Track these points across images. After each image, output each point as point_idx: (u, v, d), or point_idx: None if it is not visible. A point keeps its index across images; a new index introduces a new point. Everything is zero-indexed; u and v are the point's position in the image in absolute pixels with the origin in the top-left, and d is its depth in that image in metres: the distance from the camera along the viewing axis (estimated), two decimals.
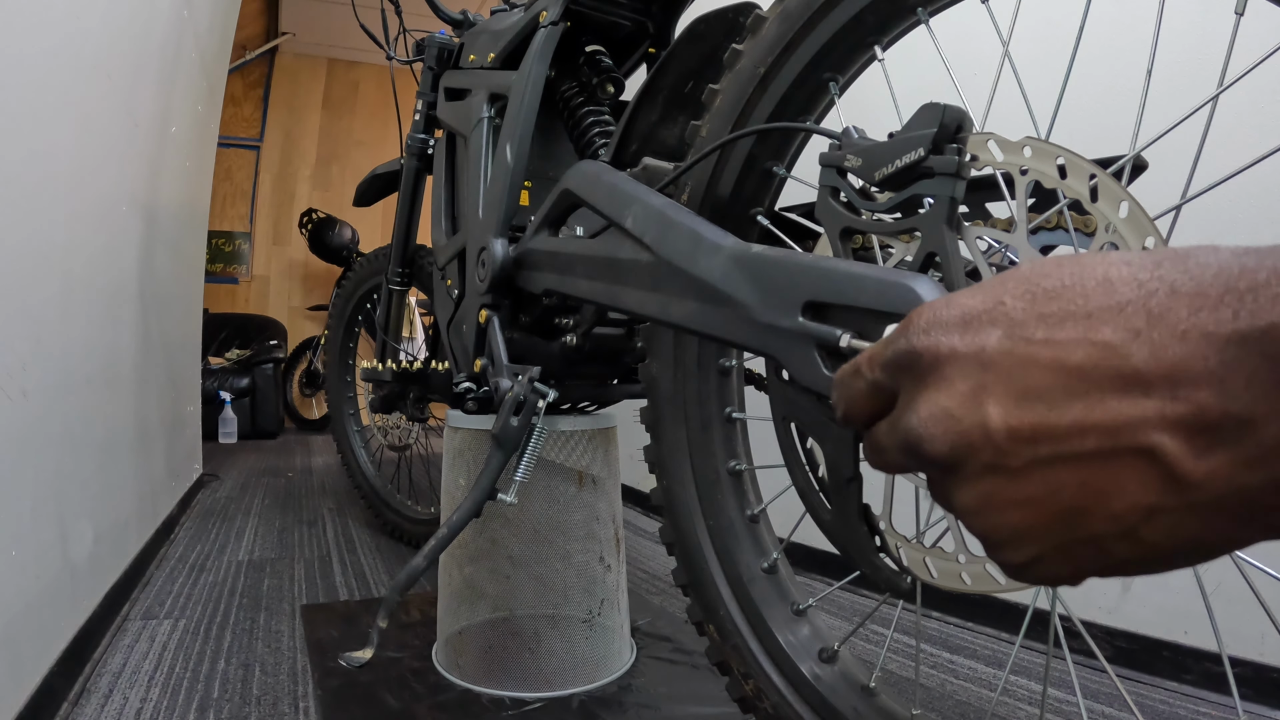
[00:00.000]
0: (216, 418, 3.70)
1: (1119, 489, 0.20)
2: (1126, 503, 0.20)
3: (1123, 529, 0.20)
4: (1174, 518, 0.19)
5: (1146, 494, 0.20)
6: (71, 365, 1.08)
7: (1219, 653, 1.09)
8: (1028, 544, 0.22)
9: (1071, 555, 0.22)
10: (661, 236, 0.62)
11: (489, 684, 1.03)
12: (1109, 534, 0.21)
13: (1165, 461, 0.19)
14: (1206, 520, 0.19)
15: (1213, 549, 0.20)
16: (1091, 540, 0.21)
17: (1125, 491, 0.20)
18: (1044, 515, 0.22)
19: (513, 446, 0.83)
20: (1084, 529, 0.21)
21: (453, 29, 1.38)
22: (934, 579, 0.53)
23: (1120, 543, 0.21)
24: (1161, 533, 0.20)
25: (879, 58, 0.64)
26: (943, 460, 0.23)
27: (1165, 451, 0.19)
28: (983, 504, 0.23)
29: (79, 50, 1.06)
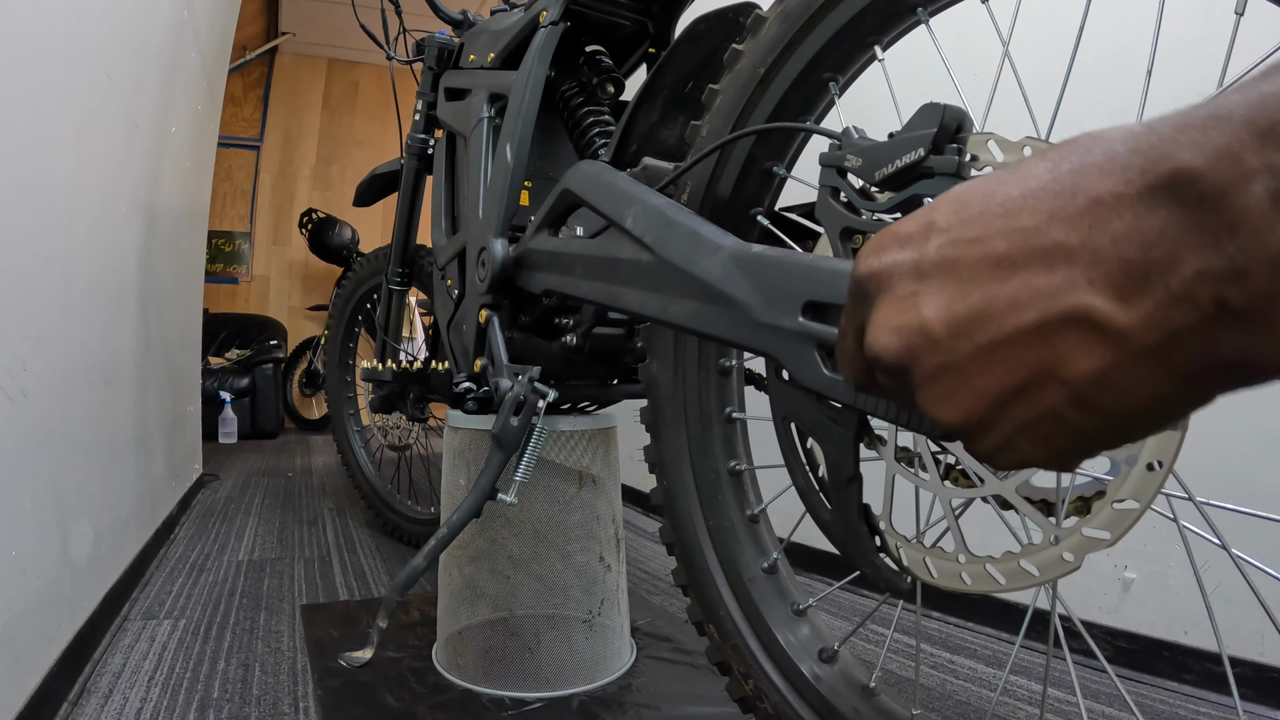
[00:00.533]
0: (216, 418, 3.70)
1: (1062, 358, 0.21)
2: (1073, 370, 0.21)
3: (1076, 397, 0.21)
4: (1121, 377, 0.20)
5: (1089, 357, 0.20)
6: (71, 365, 1.08)
7: (1219, 653, 1.09)
8: (994, 429, 0.23)
9: (1038, 434, 0.23)
10: (661, 236, 0.62)
11: (489, 684, 1.03)
12: (1065, 405, 0.21)
13: (1098, 319, 0.20)
14: (1152, 373, 0.20)
15: (1169, 406, 0.20)
16: (1051, 414, 0.22)
17: (1069, 359, 0.21)
18: (998, 399, 0.22)
19: (513, 446, 0.83)
20: (1040, 404, 0.22)
21: (453, 29, 1.38)
22: (934, 579, 0.53)
23: (1079, 412, 0.21)
24: (1114, 395, 0.20)
25: (879, 58, 0.64)
26: (899, 367, 0.25)
27: (1095, 310, 0.20)
28: (944, 401, 0.24)
29: (79, 50, 1.06)
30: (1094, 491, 0.49)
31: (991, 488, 0.50)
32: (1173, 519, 0.49)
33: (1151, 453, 0.44)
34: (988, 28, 0.59)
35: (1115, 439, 0.22)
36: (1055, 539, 0.48)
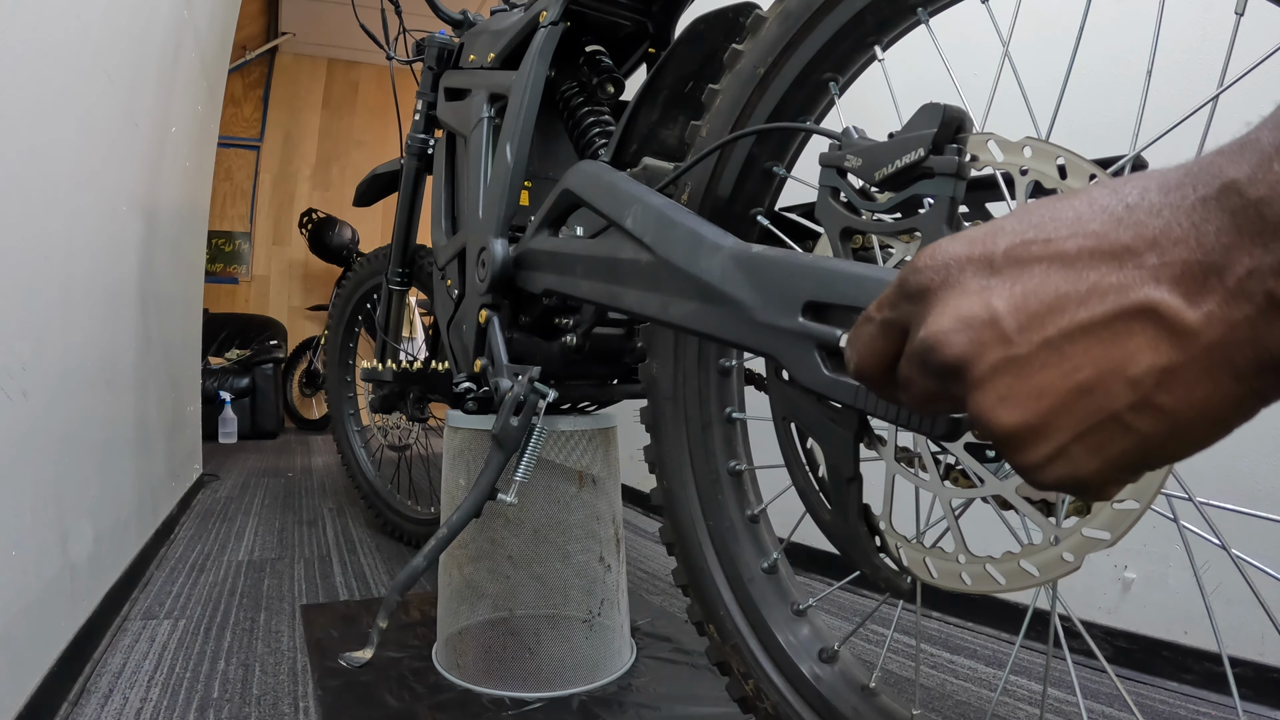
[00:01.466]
0: (216, 418, 3.70)
1: (1129, 354, 0.22)
2: (1141, 366, 0.21)
3: (1140, 398, 0.21)
4: (1185, 374, 0.21)
5: (1155, 353, 0.21)
6: (71, 365, 1.08)
7: (1219, 653, 1.09)
8: (1050, 436, 0.23)
9: (1096, 441, 0.23)
10: (661, 236, 0.62)
11: (489, 684, 1.03)
12: (1127, 406, 0.22)
13: (1166, 313, 0.21)
14: (1214, 371, 0.21)
15: (1226, 412, 0.21)
16: (1112, 418, 0.22)
17: (1137, 355, 0.21)
18: (1062, 399, 0.23)
19: (513, 446, 0.83)
20: (1104, 405, 0.22)
21: (453, 29, 1.38)
22: (934, 579, 0.53)
23: (1140, 415, 0.22)
24: (1176, 395, 0.21)
25: (879, 58, 0.64)
26: (958, 361, 0.24)
27: (1164, 304, 0.21)
28: (1004, 402, 0.24)
29: (79, 50, 1.06)
30: None
31: (991, 488, 0.50)
32: (1173, 519, 0.49)
33: None
34: (988, 28, 0.59)
35: (1168, 451, 0.22)
36: (1055, 539, 0.48)
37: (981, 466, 0.51)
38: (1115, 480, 0.23)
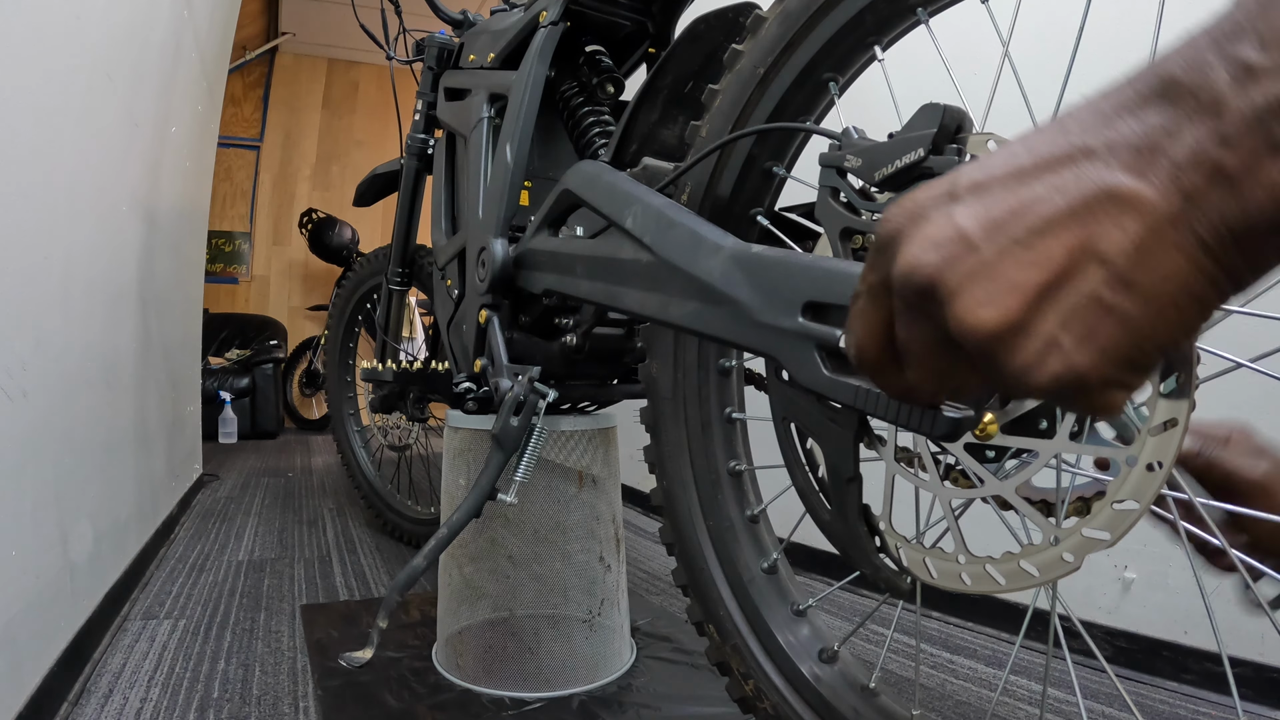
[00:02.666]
0: (216, 418, 3.70)
1: (1096, 235, 0.23)
2: (1108, 244, 0.22)
3: (1114, 275, 0.22)
4: (1153, 246, 0.22)
5: (1121, 230, 0.22)
6: (71, 365, 1.08)
7: (1219, 653, 1.09)
8: (1037, 328, 0.23)
9: (1083, 327, 0.23)
10: (661, 236, 0.62)
11: (489, 684, 1.03)
12: (1104, 284, 0.22)
13: (1124, 193, 0.22)
14: (1180, 242, 0.22)
15: (1204, 286, 0.22)
16: (1092, 300, 0.23)
17: (1103, 235, 0.22)
18: (1040, 288, 0.23)
19: (513, 446, 0.83)
20: (1081, 289, 0.23)
21: (453, 29, 1.38)
22: (934, 579, 0.53)
23: (1118, 293, 0.22)
24: (1149, 269, 0.22)
25: (879, 58, 0.64)
26: (931, 278, 0.25)
27: (1119, 185, 0.22)
28: (981, 305, 0.24)
29: (79, 50, 1.06)
30: (1094, 492, 0.49)
31: (991, 488, 0.50)
32: (1173, 519, 0.49)
33: (1151, 453, 0.44)
34: (988, 28, 0.59)
35: (1158, 334, 0.22)
36: (1055, 539, 0.48)
37: (981, 467, 0.51)
38: (1115, 377, 0.23)
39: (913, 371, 0.28)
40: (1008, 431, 0.48)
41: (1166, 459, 0.43)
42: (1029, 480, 0.50)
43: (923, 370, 0.28)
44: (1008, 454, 0.52)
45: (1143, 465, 0.44)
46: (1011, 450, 0.51)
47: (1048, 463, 0.48)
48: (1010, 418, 0.48)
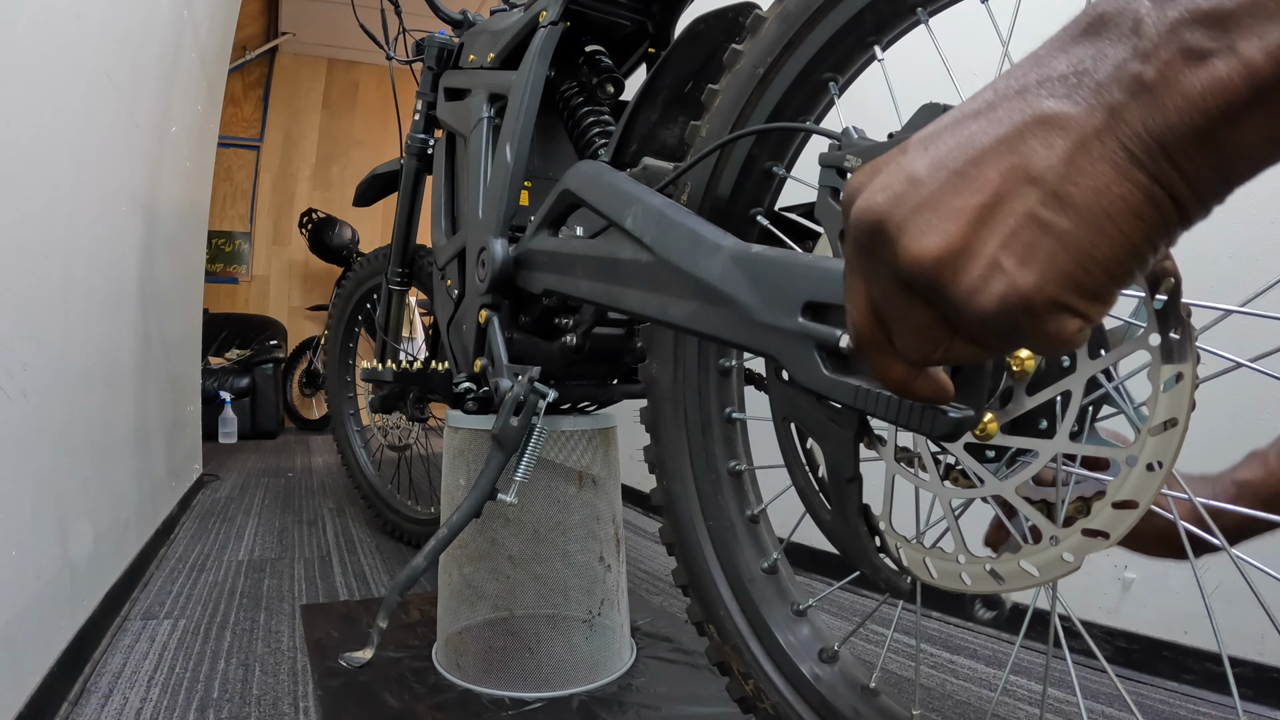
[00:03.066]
0: (216, 418, 3.70)
1: (1027, 157, 0.23)
2: (1039, 163, 0.23)
3: (1047, 192, 0.23)
4: (1082, 163, 0.23)
5: (1050, 149, 0.23)
6: (71, 365, 1.08)
7: (1219, 653, 1.09)
8: (976, 250, 0.24)
9: (1020, 246, 0.24)
10: (661, 236, 0.62)
11: (489, 684, 1.03)
12: (1038, 202, 0.23)
13: (1051, 115, 0.23)
14: (1107, 155, 0.22)
15: (1138, 199, 0.22)
16: (1028, 218, 0.23)
17: (1033, 156, 0.23)
18: (977, 212, 0.24)
19: (513, 446, 0.83)
20: (1017, 209, 0.23)
21: (452, 29, 1.38)
22: (934, 579, 0.53)
23: (1053, 210, 0.23)
24: (1081, 184, 0.23)
25: (879, 58, 0.64)
26: (880, 216, 0.26)
27: (1047, 109, 0.23)
28: (924, 234, 0.25)
29: (79, 50, 1.06)
30: (1094, 492, 0.49)
31: (991, 488, 0.50)
32: (1173, 519, 0.49)
33: (1151, 453, 0.44)
34: (988, 28, 0.59)
35: (1098, 251, 0.23)
36: (1055, 539, 0.48)
37: (981, 466, 0.51)
38: (1061, 299, 0.24)
39: (897, 338, 0.29)
40: (1008, 431, 0.48)
41: (1166, 459, 0.43)
42: (1029, 480, 0.50)
43: (901, 331, 0.28)
44: (1008, 454, 0.52)
45: (1143, 465, 0.44)
46: (1011, 450, 0.51)
47: (1048, 463, 0.48)
48: (1010, 418, 0.48)
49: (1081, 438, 0.48)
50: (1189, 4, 0.21)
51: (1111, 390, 0.48)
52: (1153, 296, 0.43)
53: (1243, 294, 1.04)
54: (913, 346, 0.28)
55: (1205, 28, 0.21)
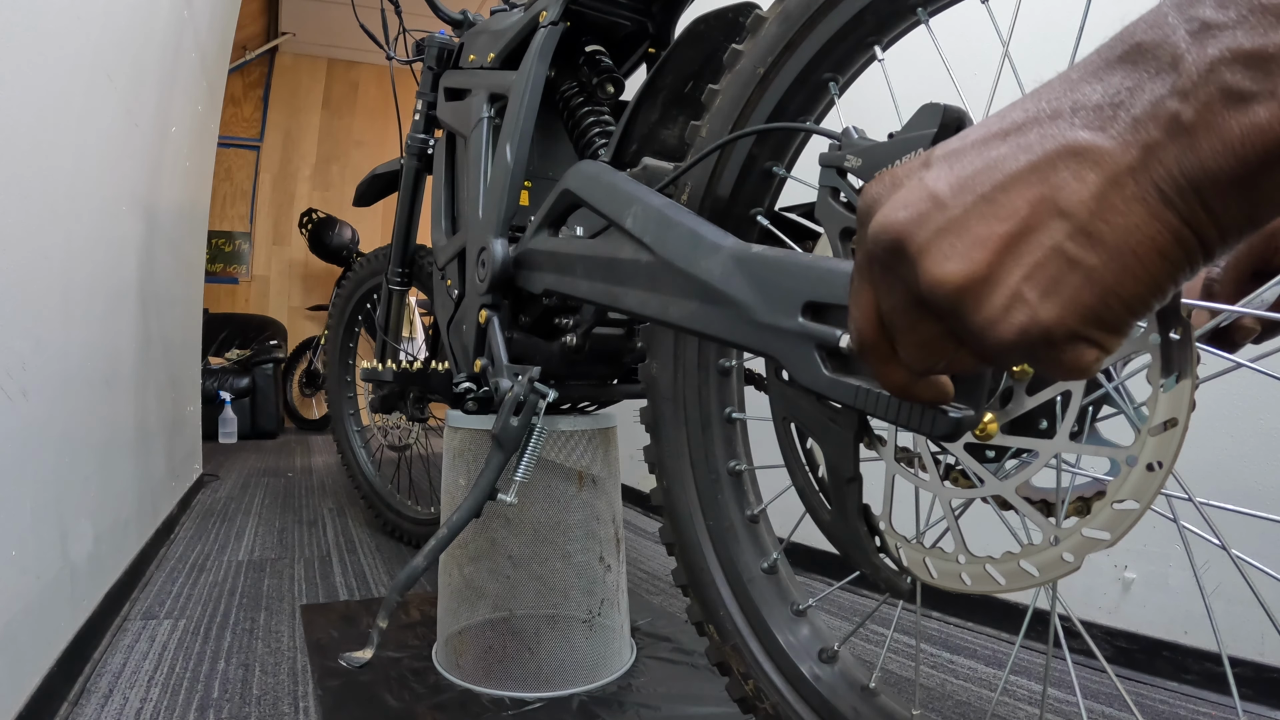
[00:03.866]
0: (216, 418, 3.70)
1: (1058, 189, 0.23)
2: (1070, 196, 0.23)
3: (1076, 227, 0.23)
4: (1113, 200, 0.22)
5: (1082, 183, 0.23)
6: (71, 365, 1.08)
7: (1219, 653, 1.09)
8: (1000, 280, 0.24)
9: (1044, 278, 0.23)
10: (661, 237, 0.62)
11: (489, 684, 1.03)
12: (1066, 236, 0.23)
13: (1084, 148, 0.23)
14: (1139, 192, 0.22)
15: (1167, 240, 0.22)
16: (1054, 251, 0.23)
17: (1065, 188, 0.23)
18: (1004, 241, 0.24)
19: (513, 446, 0.83)
20: (1043, 241, 0.23)
21: (453, 29, 1.38)
22: (934, 579, 0.53)
23: (1080, 245, 0.23)
24: (1110, 221, 0.22)
25: (879, 58, 0.64)
26: (900, 235, 0.26)
27: (1081, 141, 0.23)
28: (948, 259, 0.24)
29: (79, 50, 1.06)
30: (1094, 492, 0.49)
31: (991, 488, 0.50)
32: (1173, 519, 0.49)
33: (1151, 453, 0.44)
34: (988, 28, 0.59)
35: (1123, 288, 0.23)
36: (1055, 539, 0.48)
37: (981, 466, 0.51)
38: (1081, 331, 0.23)
39: (901, 349, 0.28)
40: (1008, 431, 0.48)
41: (1167, 459, 0.43)
42: (1029, 480, 0.50)
43: (908, 343, 0.28)
44: (1008, 454, 0.52)
45: (1143, 465, 0.44)
46: (1011, 450, 0.51)
47: (1048, 463, 0.48)
48: (1010, 418, 0.48)
49: (1081, 438, 0.48)
50: (1231, 42, 0.20)
51: (1111, 390, 0.48)
52: None
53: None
54: (917, 358, 0.28)
55: (1247, 69, 0.20)
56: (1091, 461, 0.49)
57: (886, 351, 0.29)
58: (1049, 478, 0.50)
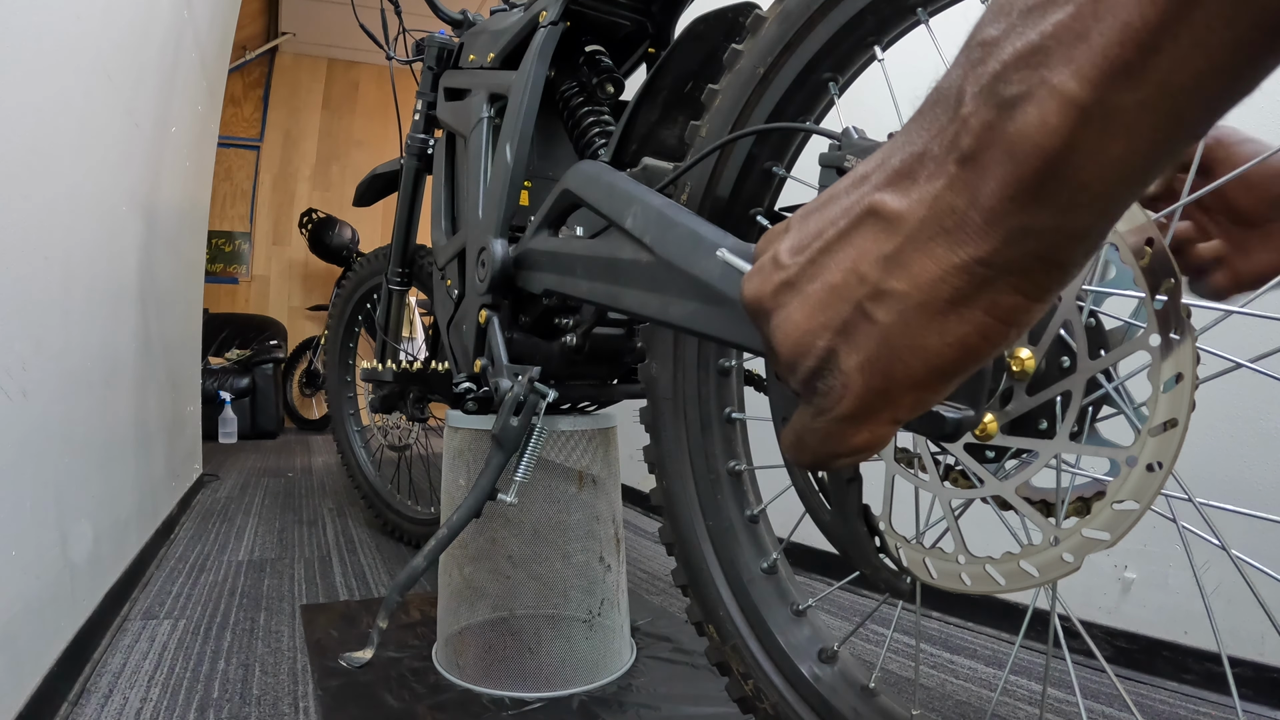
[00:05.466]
0: (216, 418, 3.70)
1: (861, 252, 0.24)
2: (867, 258, 0.24)
3: (873, 287, 0.24)
4: (903, 257, 0.23)
5: (877, 243, 0.23)
6: (71, 365, 1.08)
7: (1219, 653, 1.09)
8: (818, 341, 0.25)
9: (854, 338, 0.24)
10: (661, 237, 0.62)
11: (489, 684, 1.03)
12: (866, 296, 0.24)
13: (881, 210, 0.23)
14: (929, 247, 0.22)
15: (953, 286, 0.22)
16: (857, 310, 0.24)
17: (864, 251, 0.24)
18: (820, 301, 0.25)
19: (513, 446, 0.83)
20: (846, 297, 0.24)
21: (452, 29, 1.38)
22: (934, 579, 0.53)
23: (877, 303, 0.24)
24: (901, 277, 0.23)
25: (879, 58, 0.64)
26: (755, 298, 0.28)
27: (879, 203, 0.24)
28: (785, 321, 0.26)
29: (79, 50, 1.06)
30: (1094, 492, 0.49)
31: (991, 488, 0.50)
32: (1172, 519, 0.49)
33: (1151, 453, 0.44)
34: None
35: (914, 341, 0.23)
36: (1055, 540, 0.48)
37: (981, 467, 0.51)
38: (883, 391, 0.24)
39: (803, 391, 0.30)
40: (1008, 431, 0.48)
41: (1166, 459, 0.43)
42: (1029, 480, 0.50)
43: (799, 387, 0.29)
44: (1008, 454, 0.52)
45: (1142, 465, 0.44)
46: (1011, 450, 0.51)
47: (1048, 463, 0.48)
48: (1010, 418, 0.48)
49: (1081, 438, 0.48)
50: (1004, 53, 0.20)
51: (1111, 390, 0.48)
52: (1153, 297, 0.43)
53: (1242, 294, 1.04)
54: None
55: (1018, 71, 0.19)
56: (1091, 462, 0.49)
57: None
58: (1049, 478, 0.50)
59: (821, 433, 0.26)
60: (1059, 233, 0.21)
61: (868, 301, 0.24)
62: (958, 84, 0.21)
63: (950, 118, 0.22)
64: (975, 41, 0.21)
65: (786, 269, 0.27)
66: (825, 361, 0.25)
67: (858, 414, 0.25)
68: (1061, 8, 0.19)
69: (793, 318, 0.26)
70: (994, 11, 0.21)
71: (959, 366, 0.23)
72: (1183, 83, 0.18)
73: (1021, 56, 0.19)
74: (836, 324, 0.25)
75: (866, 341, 0.24)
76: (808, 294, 0.26)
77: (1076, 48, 0.18)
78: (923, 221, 0.22)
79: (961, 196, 0.21)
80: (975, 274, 0.22)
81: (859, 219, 0.24)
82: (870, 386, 0.24)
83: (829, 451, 0.27)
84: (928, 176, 0.22)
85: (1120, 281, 0.45)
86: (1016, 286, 0.21)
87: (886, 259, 0.23)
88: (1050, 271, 0.21)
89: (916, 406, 0.25)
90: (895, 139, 0.24)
